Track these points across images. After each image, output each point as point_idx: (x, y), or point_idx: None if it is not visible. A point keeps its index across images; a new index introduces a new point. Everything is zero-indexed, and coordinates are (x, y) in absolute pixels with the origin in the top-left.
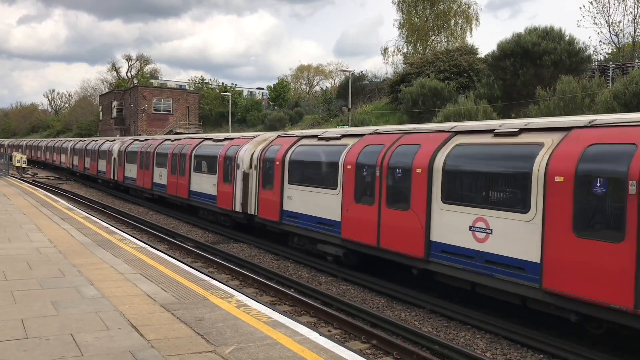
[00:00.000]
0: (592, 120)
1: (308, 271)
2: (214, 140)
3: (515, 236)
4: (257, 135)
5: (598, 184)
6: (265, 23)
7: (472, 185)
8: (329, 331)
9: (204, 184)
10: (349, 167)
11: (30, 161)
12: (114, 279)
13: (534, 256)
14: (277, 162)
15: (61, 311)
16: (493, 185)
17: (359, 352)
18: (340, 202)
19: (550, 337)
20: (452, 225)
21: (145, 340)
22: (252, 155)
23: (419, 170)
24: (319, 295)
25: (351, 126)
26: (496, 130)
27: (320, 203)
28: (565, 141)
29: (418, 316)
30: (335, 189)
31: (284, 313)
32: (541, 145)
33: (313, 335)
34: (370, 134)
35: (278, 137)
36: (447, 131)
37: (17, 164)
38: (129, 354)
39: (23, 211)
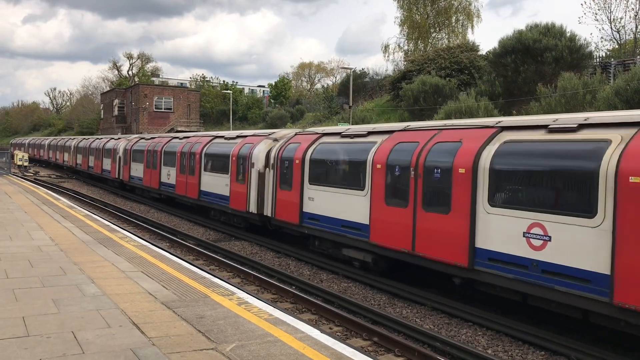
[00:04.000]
0: None
1: (309, 269)
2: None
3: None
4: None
5: None
6: (268, 22)
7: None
8: (330, 328)
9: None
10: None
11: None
12: (115, 276)
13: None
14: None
15: (62, 309)
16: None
17: (361, 350)
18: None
19: (552, 334)
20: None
21: (147, 337)
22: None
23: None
24: (320, 293)
25: (352, 124)
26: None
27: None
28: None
29: (419, 313)
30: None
31: (285, 310)
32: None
33: (314, 333)
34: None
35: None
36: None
37: (19, 162)
38: (130, 351)
39: (24, 209)
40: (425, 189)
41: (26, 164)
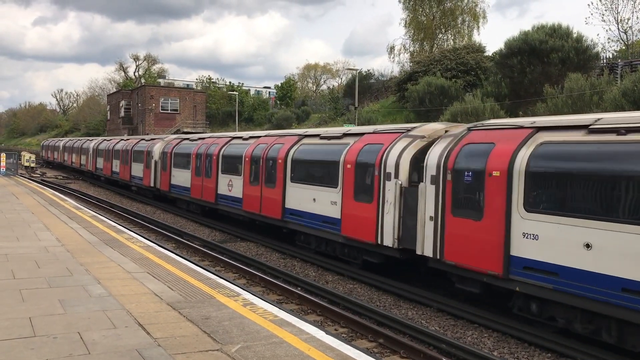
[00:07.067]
0: None
1: (315, 270)
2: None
3: None
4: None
5: None
6: (275, 24)
7: None
8: (335, 330)
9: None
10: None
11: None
12: (121, 277)
13: None
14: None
15: (68, 310)
16: None
17: (366, 351)
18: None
19: (558, 336)
20: None
21: (152, 338)
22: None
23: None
24: (325, 294)
25: (358, 125)
26: None
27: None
28: None
29: (425, 315)
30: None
31: (290, 312)
32: None
33: (319, 334)
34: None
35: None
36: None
37: (26, 164)
38: (135, 352)
39: (31, 210)
40: None
41: (33, 165)
